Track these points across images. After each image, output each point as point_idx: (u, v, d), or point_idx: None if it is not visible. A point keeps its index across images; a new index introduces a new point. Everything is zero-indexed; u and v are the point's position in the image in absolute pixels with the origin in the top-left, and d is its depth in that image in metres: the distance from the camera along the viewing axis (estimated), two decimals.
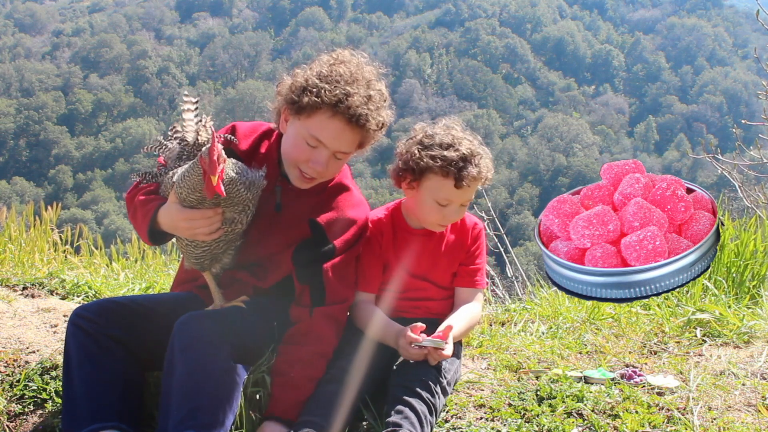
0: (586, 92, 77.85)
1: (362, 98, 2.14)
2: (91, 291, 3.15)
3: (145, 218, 2.15)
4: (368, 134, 2.21)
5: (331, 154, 2.18)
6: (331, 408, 2.06)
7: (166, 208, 2.10)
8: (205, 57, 76.94)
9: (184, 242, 2.17)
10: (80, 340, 2.05)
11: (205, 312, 2.15)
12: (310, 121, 2.14)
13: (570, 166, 59.97)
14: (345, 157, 2.24)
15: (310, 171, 2.19)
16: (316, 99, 2.11)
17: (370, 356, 2.22)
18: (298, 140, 2.18)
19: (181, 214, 2.05)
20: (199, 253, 2.18)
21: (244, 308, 2.22)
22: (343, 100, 2.11)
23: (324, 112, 2.12)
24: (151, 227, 2.14)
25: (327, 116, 2.13)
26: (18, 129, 61.81)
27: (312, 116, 2.14)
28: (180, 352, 1.97)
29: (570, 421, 2.13)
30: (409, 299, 2.43)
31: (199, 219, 2.05)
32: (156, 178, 2.22)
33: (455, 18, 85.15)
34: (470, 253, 2.48)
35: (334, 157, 2.20)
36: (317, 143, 2.15)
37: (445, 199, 2.29)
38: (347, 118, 2.12)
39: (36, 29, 78.56)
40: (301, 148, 2.17)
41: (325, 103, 2.11)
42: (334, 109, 2.11)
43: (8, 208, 4.56)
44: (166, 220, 2.10)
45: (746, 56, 75.77)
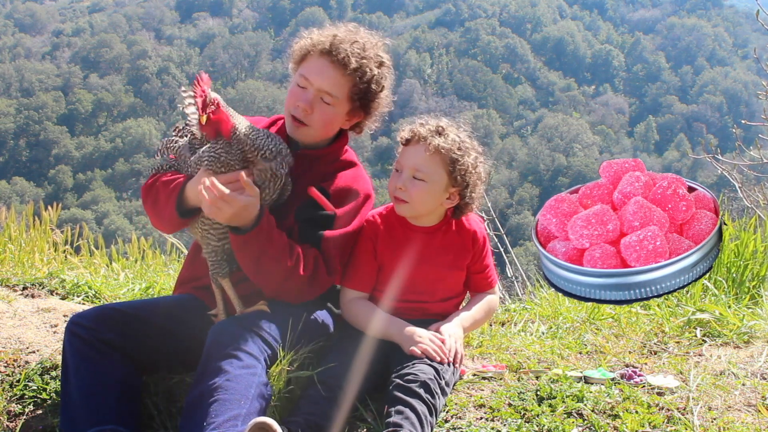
0: (586, 92, 77.82)
1: (349, 42, 2.30)
2: (91, 291, 3.15)
3: (171, 195, 2.18)
4: (358, 80, 2.30)
5: (316, 94, 2.29)
6: (327, 407, 2.05)
7: (193, 181, 2.15)
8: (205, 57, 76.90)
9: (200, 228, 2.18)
10: (77, 347, 2.06)
11: (237, 321, 2.14)
12: (303, 64, 2.35)
13: (570, 166, 59.93)
14: (332, 101, 2.31)
15: (298, 112, 2.30)
16: (309, 40, 2.33)
17: (368, 356, 2.22)
18: (291, 87, 2.36)
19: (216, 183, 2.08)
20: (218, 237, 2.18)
21: (268, 312, 2.21)
22: (329, 40, 2.30)
23: (313, 52, 2.32)
24: (179, 201, 2.17)
25: (315, 56, 2.32)
26: (18, 129, 61.78)
27: (305, 59, 2.35)
28: (219, 359, 1.96)
29: (570, 421, 2.13)
30: (407, 300, 2.43)
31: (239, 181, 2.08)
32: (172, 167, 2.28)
33: (455, 18, 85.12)
34: (480, 260, 2.52)
35: (321, 100, 2.30)
36: (305, 82, 2.31)
37: (398, 162, 2.39)
38: (329, 54, 2.29)
39: (36, 29, 78.52)
40: (293, 92, 2.33)
41: (314, 43, 2.32)
42: (321, 50, 2.30)
43: (8, 208, 4.56)
44: (193, 193, 2.14)
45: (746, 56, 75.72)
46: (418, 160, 2.33)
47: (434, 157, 2.32)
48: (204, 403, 1.90)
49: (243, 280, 2.32)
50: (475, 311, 2.50)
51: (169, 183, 2.22)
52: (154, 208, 2.27)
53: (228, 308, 2.29)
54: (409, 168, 2.34)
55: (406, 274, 2.40)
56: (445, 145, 2.31)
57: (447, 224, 2.47)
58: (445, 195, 2.38)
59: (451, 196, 2.39)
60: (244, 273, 2.30)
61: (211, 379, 1.93)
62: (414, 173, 2.34)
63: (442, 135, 2.34)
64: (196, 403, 1.93)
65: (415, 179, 2.34)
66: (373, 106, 2.39)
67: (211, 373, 1.94)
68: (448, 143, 2.32)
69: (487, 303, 2.56)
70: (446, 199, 2.40)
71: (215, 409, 1.89)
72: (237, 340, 2.00)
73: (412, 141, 2.37)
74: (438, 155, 2.32)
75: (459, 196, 2.40)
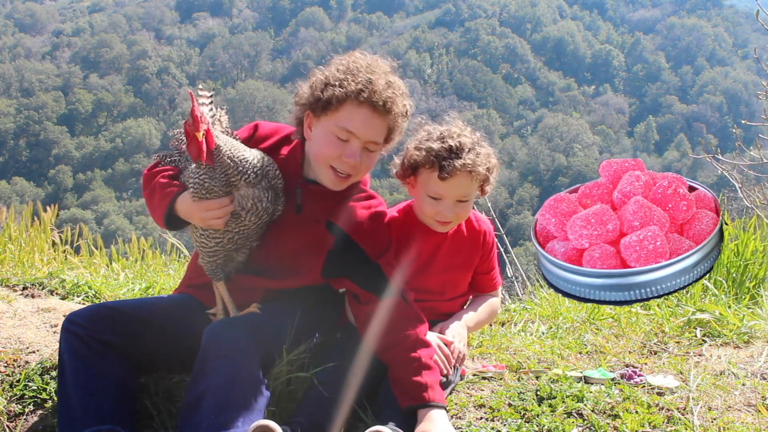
0: (586, 92, 77.87)
1: (384, 84, 2.17)
2: (91, 291, 3.15)
3: (162, 202, 2.17)
4: (395, 121, 2.22)
5: (362, 146, 2.18)
6: (328, 408, 2.05)
7: (183, 197, 2.13)
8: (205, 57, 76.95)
9: (198, 233, 2.18)
10: (73, 346, 2.05)
11: (232, 321, 2.14)
12: (338, 114, 2.16)
13: (570, 166, 59.99)
14: (376, 149, 2.23)
15: (344, 167, 2.18)
16: (341, 89, 2.14)
17: (369, 356, 2.22)
18: (327, 137, 2.18)
19: (197, 204, 2.09)
20: (212, 246, 2.18)
21: (262, 314, 2.21)
22: (367, 86, 2.14)
23: (350, 102, 2.15)
24: (168, 212, 2.16)
25: (354, 106, 2.15)
26: (18, 129, 61.83)
27: (339, 109, 2.16)
28: (215, 359, 1.95)
29: (570, 421, 2.13)
30: (417, 300, 2.42)
31: (215, 209, 2.07)
32: (176, 162, 2.25)
33: (455, 18, 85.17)
34: (487, 261, 2.54)
35: (366, 150, 2.20)
36: (348, 135, 2.16)
37: (435, 192, 2.30)
38: (373, 104, 2.15)
39: (36, 29, 78.56)
40: (333, 145, 2.17)
41: (350, 92, 2.13)
42: (359, 97, 2.14)
43: (8, 208, 4.56)
44: (183, 208, 2.13)
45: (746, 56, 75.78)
46: (462, 189, 2.30)
47: (474, 181, 2.31)
48: (202, 405, 1.90)
49: (248, 289, 2.31)
50: (480, 313, 2.53)
51: (165, 186, 2.19)
52: (149, 203, 2.26)
53: (226, 309, 2.29)
54: (452, 197, 2.31)
55: (417, 274, 2.40)
56: (482, 171, 2.29)
57: (458, 227, 2.48)
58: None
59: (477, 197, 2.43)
60: (251, 277, 2.30)
61: (208, 380, 1.92)
62: (459, 199, 2.32)
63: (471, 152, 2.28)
64: (194, 405, 1.92)
65: (459, 203, 2.33)
66: (400, 134, 2.33)
67: (207, 373, 1.94)
68: (481, 163, 2.28)
69: (490, 305, 2.59)
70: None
71: (214, 410, 1.89)
72: (232, 340, 1.99)
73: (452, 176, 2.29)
74: (477, 176, 2.31)
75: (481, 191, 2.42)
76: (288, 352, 2.20)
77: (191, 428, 1.90)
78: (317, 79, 2.21)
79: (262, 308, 2.24)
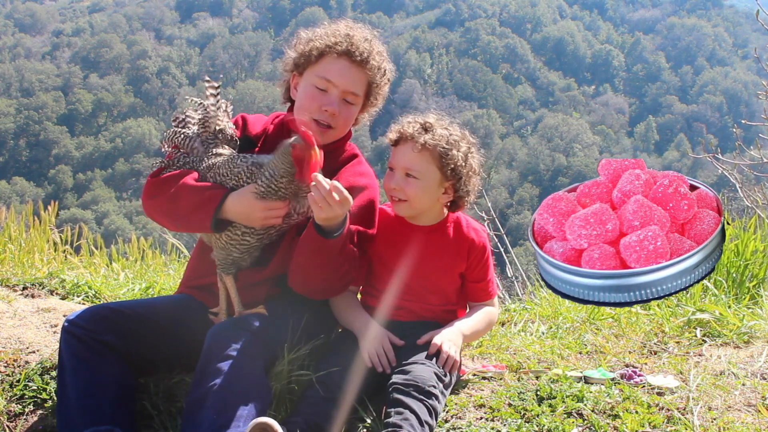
0: (586, 92, 77.84)
1: (362, 39, 2.34)
2: (91, 291, 3.15)
3: (208, 205, 2.12)
4: (373, 76, 2.34)
5: (340, 95, 2.31)
6: (327, 408, 2.05)
7: (239, 198, 2.11)
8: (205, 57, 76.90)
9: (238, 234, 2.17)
10: (73, 347, 2.05)
11: (237, 322, 2.14)
12: (318, 66, 2.33)
13: (570, 166, 59.95)
14: (354, 101, 2.35)
15: (323, 116, 2.30)
16: (321, 41, 2.32)
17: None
18: (308, 89, 2.33)
19: (261, 203, 2.09)
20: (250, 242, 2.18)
21: (266, 315, 2.20)
22: (345, 40, 2.31)
23: (329, 54, 2.31)
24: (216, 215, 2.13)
25: (333, 57, 2.31)
26: (18, 129, 61.80)
27: (319, 61, 2.32)
28: (218, 361, 1.95)
29: (570, 421, 2.13)
30: (405, 300, 2.42)
31: (280, 208, 2.11)
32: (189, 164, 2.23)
33: (455, 18, 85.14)
34: (478, 269, 2.48)
35: (345, 101, 2.33)
36: (326, 84, 2.30)
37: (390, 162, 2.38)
38: (350, 53, 2.31)
39: (36, 29, 78.52)
40: (313, 95, 2.31)
41: (329, 43, 2.31)
42: (337, 48, 2.31)
43: (8, 208, 4.56)
44: (239, 209, 2.11)
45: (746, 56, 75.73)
46: (408, 158, 2.33)
47: (423, 154, 2.32)
48: (205, 405, 1.90)
49: (248, 285, 2.31)
50: (476, 321, 2.46)
51: (202, 190, 2.14)
52: (172, 208, 2.19)
53: (230, 309, 2.29)
54: (400, 168, 2.34)
55: (400, 272, 2.39)
56: (432, 141, 2.31)
57: (445, 226, 2.47)
58: (440, 190, 2.37)
59: (446, 190, 2.39)
60: (250, 277, 2.29)
61: (211, 380, 1.93)
62: (406, 172, 2.34)
63: (429, 131, 2.33)
64: (197, 405, 1.92)
65: (408, 177, 2.34)
66: (380, 97, 2.45)
67: (210, 375, 1.94)
68: (435, 138, 2.31)
69: (487, 314, 2.51)
70: (442, 194, 2.39)
71: (217, 411, 1.89)
72: (236, 342, 1.99)
73: (401, 141, 2.37)
74: (427, 152, 2.31)
75: (453, 190, 2.39)
76: (290, 352, 2.20)
77: (193, 428, 1.90)
78: (301, 37, 2.39)
79: (268, 309, 2.24)
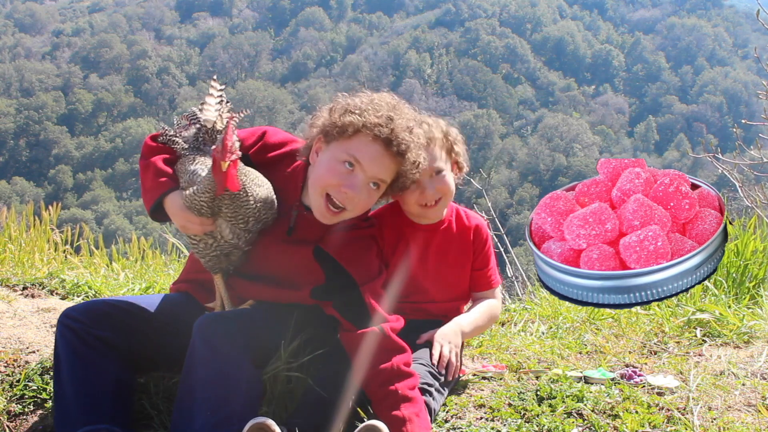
0: (586, 92, 77.88)
1: (404, 127, 2.07)
2: (91, 291, 3.15)
3: (153, 193, 2.14)
4: (405, 168, 2.10)
5: (366, 180, 2.06)
6: (326, 408, 2.05)
7: (172, 199, 2.11)
8: (205, 57, 76.94)
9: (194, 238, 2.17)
10: (69, 341, 2.02)
11: (223, 314, 2.13)
12: (350, 142, 2.06)
13: (570, 166, 59.97)
14: (379, 187, 2.11)
15: (340, 196, 2.06)
16: (360, 118, 2.04)
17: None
18: (332, 163, 2.06)
19: (182, 211, 2.08)
20: (201, 248, 2.17)
21: (257, 310, 2.19)
22: (386, 123, 2.04)
23: (366, 134, 2.04)
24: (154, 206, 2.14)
25: (368, 138, 2.04)
26: (18, 129, 61.85)
27: (353, 138, 2.05)
28: (205, 354, 1.93)
29: (570, 421, 2.13)
30: (410, 301, 2.42)
31: (196, 224, 2.07)
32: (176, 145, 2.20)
33: (455, 18, 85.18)
34: (480, 256, 2.48)
35: (369, 185, 2.08)
36: (355, 163, 2.05)
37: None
38: (388, 143, 2.04)
39: (36, 29, 78.56)
40: (336, 170, 2.05)
41: (368, 123, 2.04)
42: (375, 130, 2.04)
43: (8, 208, 4.56)
44: (170, 209, 2.12)
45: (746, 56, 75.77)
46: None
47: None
48: (196, 400, 1.89)
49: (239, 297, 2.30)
50: (478, 316, 2.45)
51: (158, 175, 2.15)
52: (143, 176, 2.22)
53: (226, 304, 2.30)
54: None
55: (406, 272, 2.40)
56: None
57: (447, 223, 2.47)
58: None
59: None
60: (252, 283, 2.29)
61: (198, 372, 1.92)
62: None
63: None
64: (186, 400, 1.92)
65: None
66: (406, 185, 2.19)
67: (196, 365, 1.93)
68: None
69: (489, 308, 2.49)
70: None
71: (208, 406, 1.88)
72: (220, 332, 1.97)
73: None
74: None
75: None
76: (285, 350, 2.19)
77: (184, 420, 1.90)
78: (338, 104, 2.12)
79: (258, 305, 2.23)
